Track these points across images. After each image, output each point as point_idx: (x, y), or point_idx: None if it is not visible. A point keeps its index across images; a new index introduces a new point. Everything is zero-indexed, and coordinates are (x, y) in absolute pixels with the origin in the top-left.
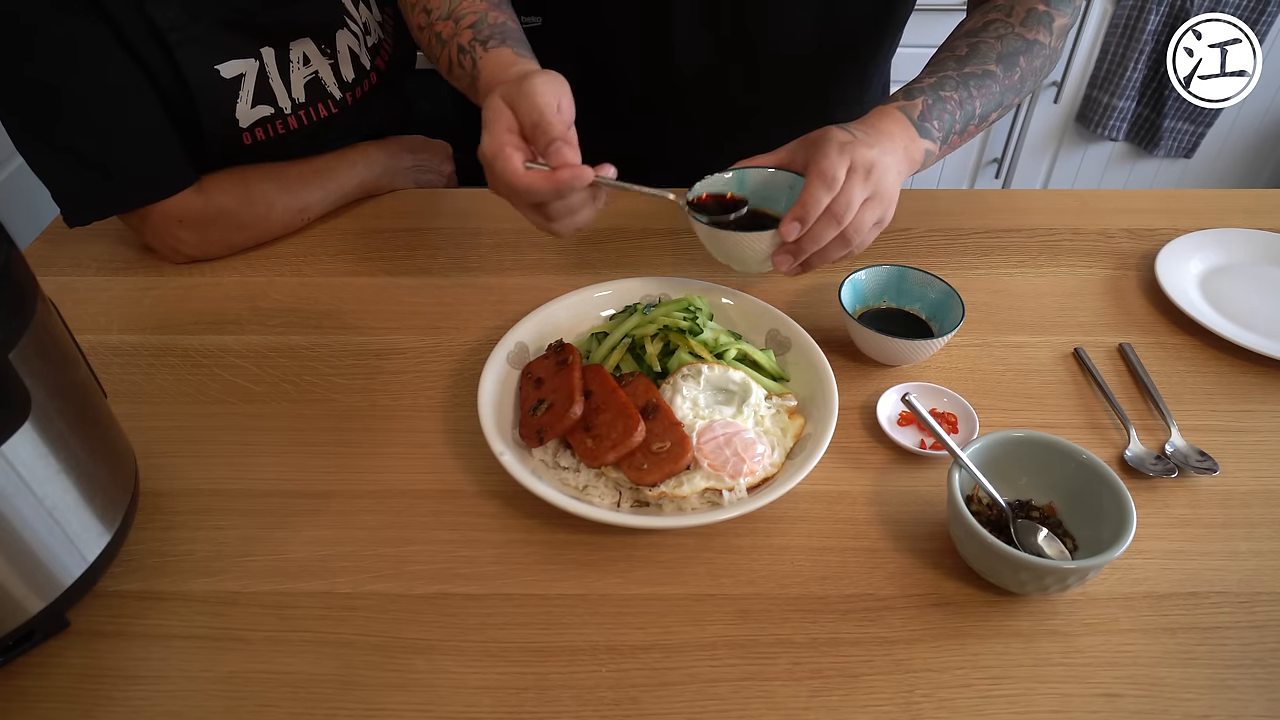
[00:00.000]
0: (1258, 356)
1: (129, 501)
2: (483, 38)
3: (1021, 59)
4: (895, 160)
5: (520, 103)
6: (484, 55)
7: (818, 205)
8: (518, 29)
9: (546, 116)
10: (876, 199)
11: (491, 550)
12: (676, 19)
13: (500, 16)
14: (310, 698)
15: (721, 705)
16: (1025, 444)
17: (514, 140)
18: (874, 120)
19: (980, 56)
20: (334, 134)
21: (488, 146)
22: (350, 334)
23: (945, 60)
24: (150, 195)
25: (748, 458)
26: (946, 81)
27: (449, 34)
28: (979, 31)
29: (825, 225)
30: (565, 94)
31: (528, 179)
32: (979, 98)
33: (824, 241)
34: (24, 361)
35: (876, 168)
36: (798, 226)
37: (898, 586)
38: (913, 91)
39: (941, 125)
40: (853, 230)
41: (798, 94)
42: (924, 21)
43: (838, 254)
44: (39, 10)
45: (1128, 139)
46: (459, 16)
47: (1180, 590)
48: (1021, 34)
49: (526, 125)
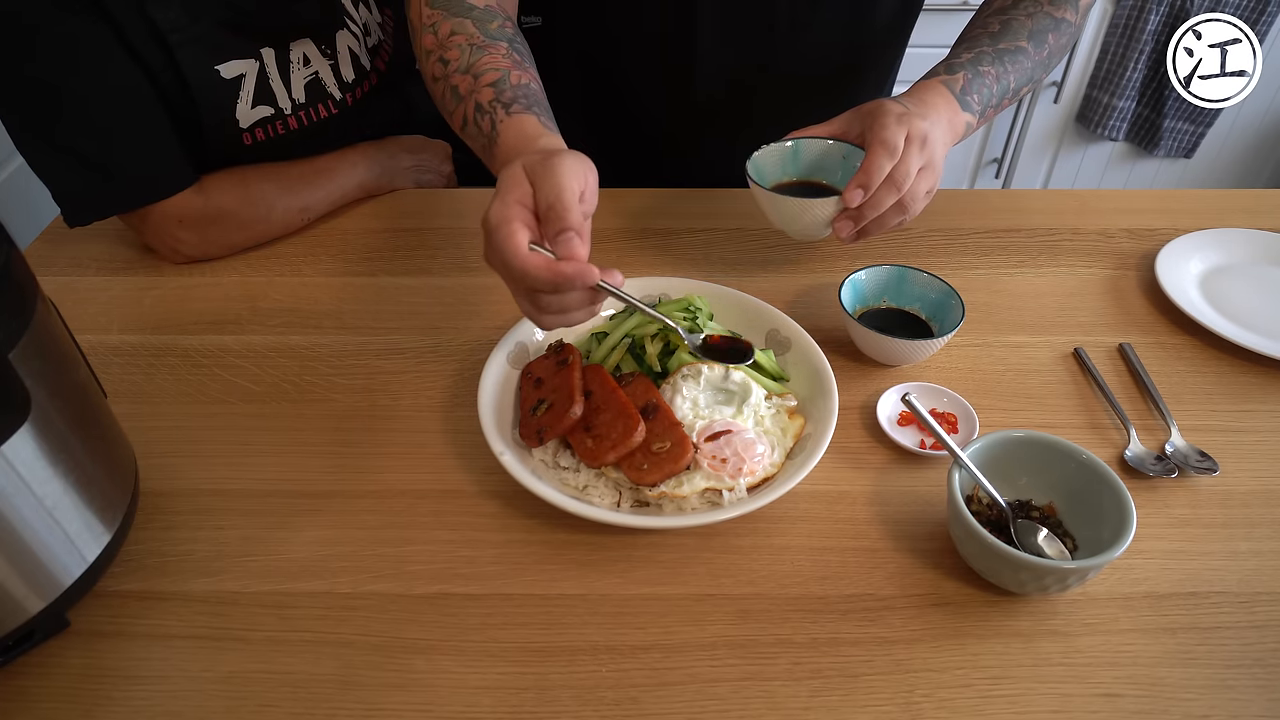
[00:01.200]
0: (1258, 356)
1: (129, 501)
2: (505, 100)
3: (1050, 36)
4: (942, 132)
5: (542, 180)
6: (505, 120)
7: (880, 172)
8: (542, 93)
9: (565, 200)
10: (930, 168)
11: (491, 550)
12: (699, 41)
13: (524, 78)
14: (310, 698)
15: (721, 705)
16: (1025, 444)
17: (524, 215)
18: (921, 94)
19: (1012, 33)
20: (334, 134)
21: (494, 214)
22: (350, 334)
23: (979, 36)
24: (150, 195)
25: (748, 458)
26: (984, 57)
27: (466, 90)
28: (1009, 9)
29: (886, 192)
30: (592, 181)
31: (528, 261)
32: (1013, 73)
33: (883, 208)
34: (24, 361)
35: (930, 138)
36: (861, 193)
37: (898, 586)
38: (954, 66)
39: (980, 99)
40: (909, 198)
41: (816, 99)
42: (932, 22)
43: (894, 221)
44: (41, 10)
45: (1128, 139)
46: (479, 72)
47: (1180, 590)
48: (1050, 12)
49: (541, 205)
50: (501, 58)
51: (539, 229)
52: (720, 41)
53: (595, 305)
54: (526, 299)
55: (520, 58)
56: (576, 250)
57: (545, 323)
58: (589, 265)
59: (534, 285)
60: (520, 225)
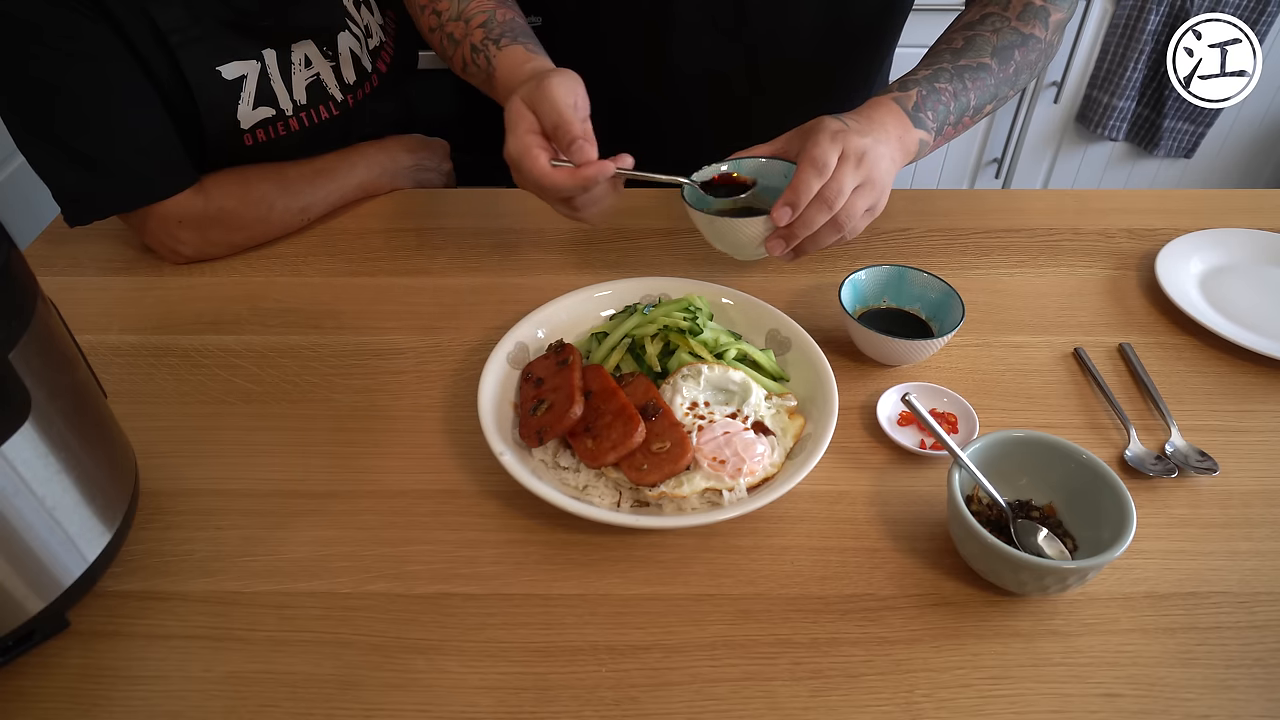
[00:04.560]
0: (1258, 356)
1: (129, 501)
2: (494, 36)
3: (1016, 52)
4: (889, 149)
5: (540, 105)
6: (497, 54)
7: (809, 190)
8: (525, 24)
9: (566, 116)
10: (868, 185)
11: (491, 550)
12: (677, 24)
13: (508, 14)
14: (310, 698)
15: (721, 705)
16: (1025, 444)
17: (538, 141)
18: (868, 110)
19: (975, 50)
20: (335, 136)
21: (513, 148)
22: (350, 334)
23: (941, 53)
24: (151, 195)
25: (748, 458)
26: (941, 74)
27: (461, 34)
28: (975, 25)
29: (816, 210)
30: (580, 91)
31: (554, 176)
32: (974, 90)
33: (815, 226)
34: (24, 361)
35: (869, 155)
36: (789, 211)
37: (898, 586)
38: (907, 83)
39: (936, 116)
40: (844, 216)
41: (800, 96)
42: (923, 21)
43: (829, 239)
44: (43, 10)
45: (1128, 139)
46: (469, 16)
47: (1180, 590)
48: (1018, 28)
49: (548, 126)
50: (487, 1)
51: (551, 146)
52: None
53: (619, 189)
54: (564, 205)
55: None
56: (589, 153)
57: (585, 218)
58: (603, 162)
59: (566, 193)
60: (538, 150)
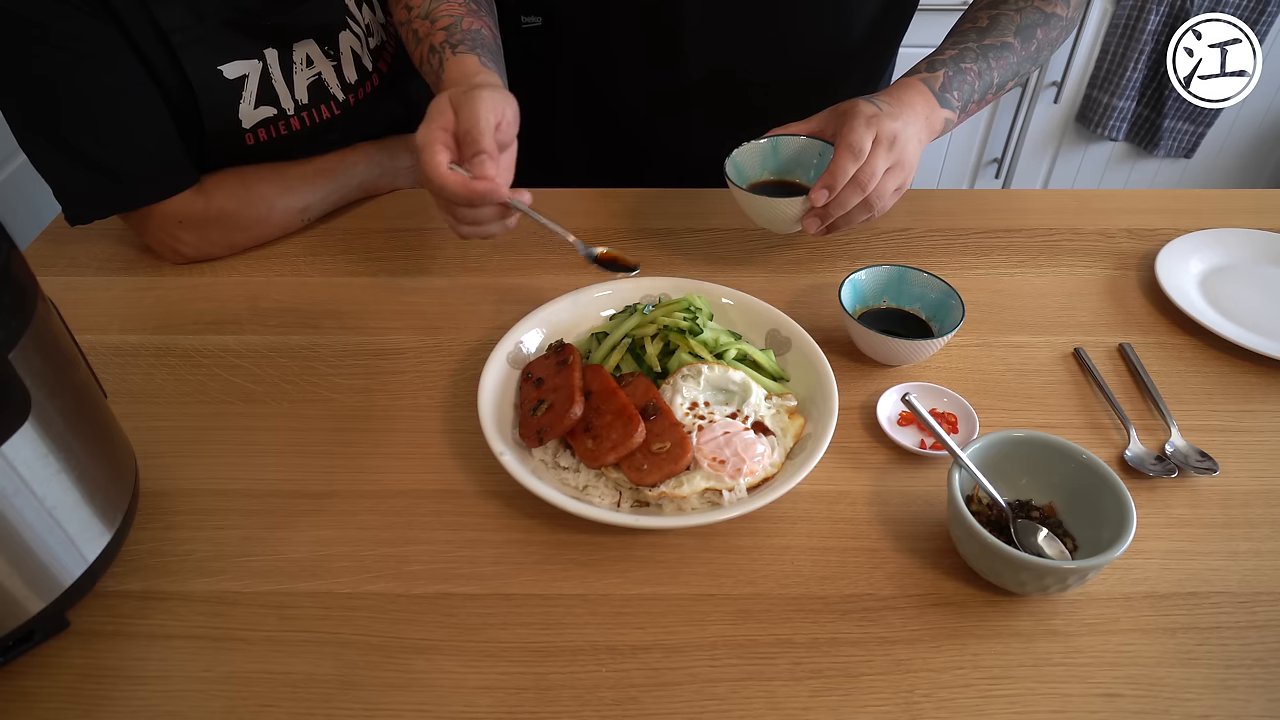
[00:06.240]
0: (1258, 356)
1: (129, 501)
2: (454, 41)
3: (1039, 31)
4: (917, 130)
5: (462, 109)
6: (450, 59)
7: (845, 174)
8: (491, 40)
9: (481, 127)
10: (898, 167)
11: (491, 550)
12: (686, 24)
13: (475, 24)
14: (310, 698)
15: (721, 705)
16: (1025, 444)
17: (445, 138)
18: (898, 92)
19: (1000, 29)
20: (336, 135)
21: (420, 137)
22: (350, 334)
23: (967, 31)
24: (152, 195)
25: (748, 458)
26: (967, 53)
27: (424, 32)
28: (1000, 3)
29: (851, 192)
30: (510, 114)
31: (446, 178)
32: (997, 69)
33: (849, 207)
34: (24, 361)
35: (900, 138)
36: (826, 193)
37: (898, 586)
38: (935, 64)
39: (961, 96)
40: (875, 197)
41: (801, 96)
42: (924, 21)
43: (861, 218)
44: (45, 8)
45: (1128, 139)
46: (435, 17)
47: (1180, 590)
48: (1040, 7)
49: (460, 130)
50: (458, 6)
51: (456, 151)
52: (705, 32)
53: (508, 220)
54: (447, 212)
55: (477, 8)
56: (488, 170)
57: (462, 232)
58: (497, 184)
59: (452, 199)
60: (441, 147)
